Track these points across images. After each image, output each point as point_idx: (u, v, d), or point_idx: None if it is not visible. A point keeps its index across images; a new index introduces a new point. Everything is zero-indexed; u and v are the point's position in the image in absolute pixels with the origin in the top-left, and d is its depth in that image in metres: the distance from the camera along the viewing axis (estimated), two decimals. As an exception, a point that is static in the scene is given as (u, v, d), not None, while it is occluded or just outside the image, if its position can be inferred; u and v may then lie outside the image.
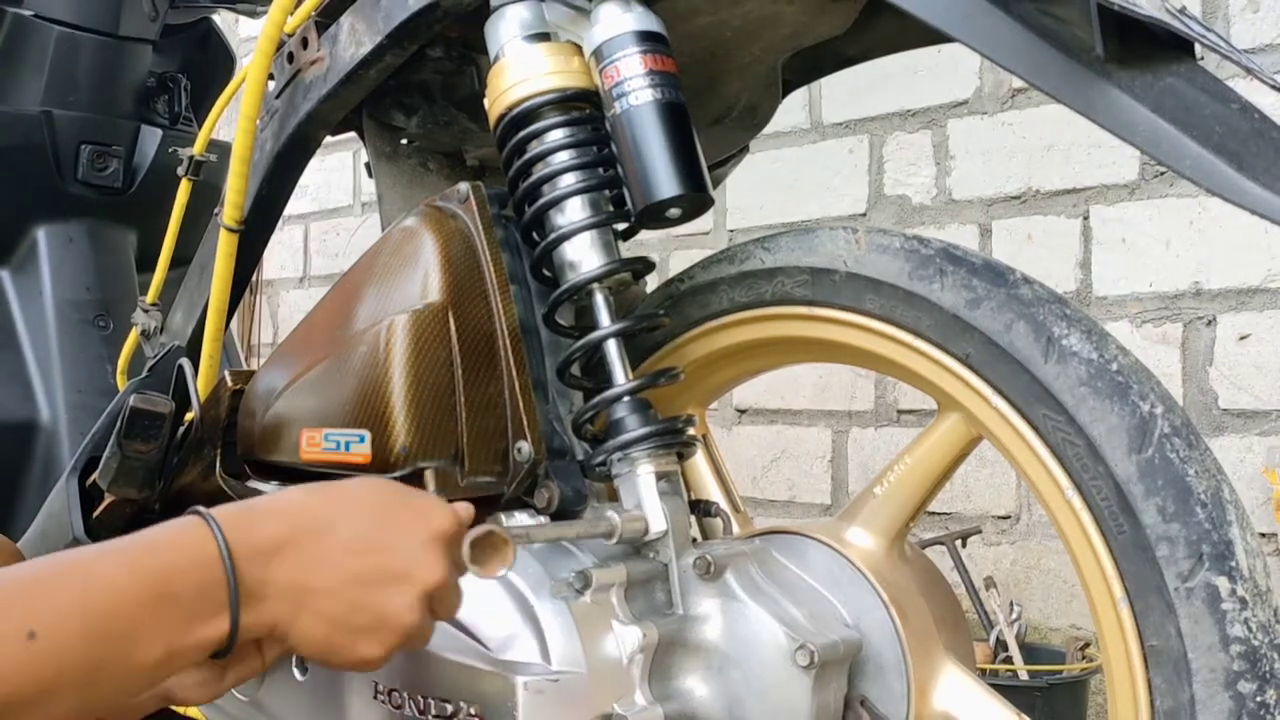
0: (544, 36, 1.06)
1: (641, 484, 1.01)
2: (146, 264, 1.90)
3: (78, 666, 0.73)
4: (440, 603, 0.87)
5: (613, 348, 1.04)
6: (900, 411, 2.82)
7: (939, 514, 2.72)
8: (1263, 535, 2.28)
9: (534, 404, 1.05)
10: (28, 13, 1.96)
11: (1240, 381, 2.36)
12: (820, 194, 2.96)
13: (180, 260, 1.57)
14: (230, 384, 1.28)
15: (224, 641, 0.79)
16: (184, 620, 0.77)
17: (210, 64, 2.22)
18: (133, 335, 1.64)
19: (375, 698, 1.03)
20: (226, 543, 0.79)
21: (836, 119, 2.94)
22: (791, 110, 2.95)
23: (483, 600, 0.98)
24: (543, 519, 1.03)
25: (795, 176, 3.00)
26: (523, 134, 1.05)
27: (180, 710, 1.35)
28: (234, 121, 1.34)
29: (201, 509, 0.81)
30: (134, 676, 0.76)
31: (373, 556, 0.83)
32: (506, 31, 1.06)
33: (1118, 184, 2.52)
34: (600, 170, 1.04)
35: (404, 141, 1.31)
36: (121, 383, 1.68)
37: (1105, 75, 0.81)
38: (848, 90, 2.86)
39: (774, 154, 3.00)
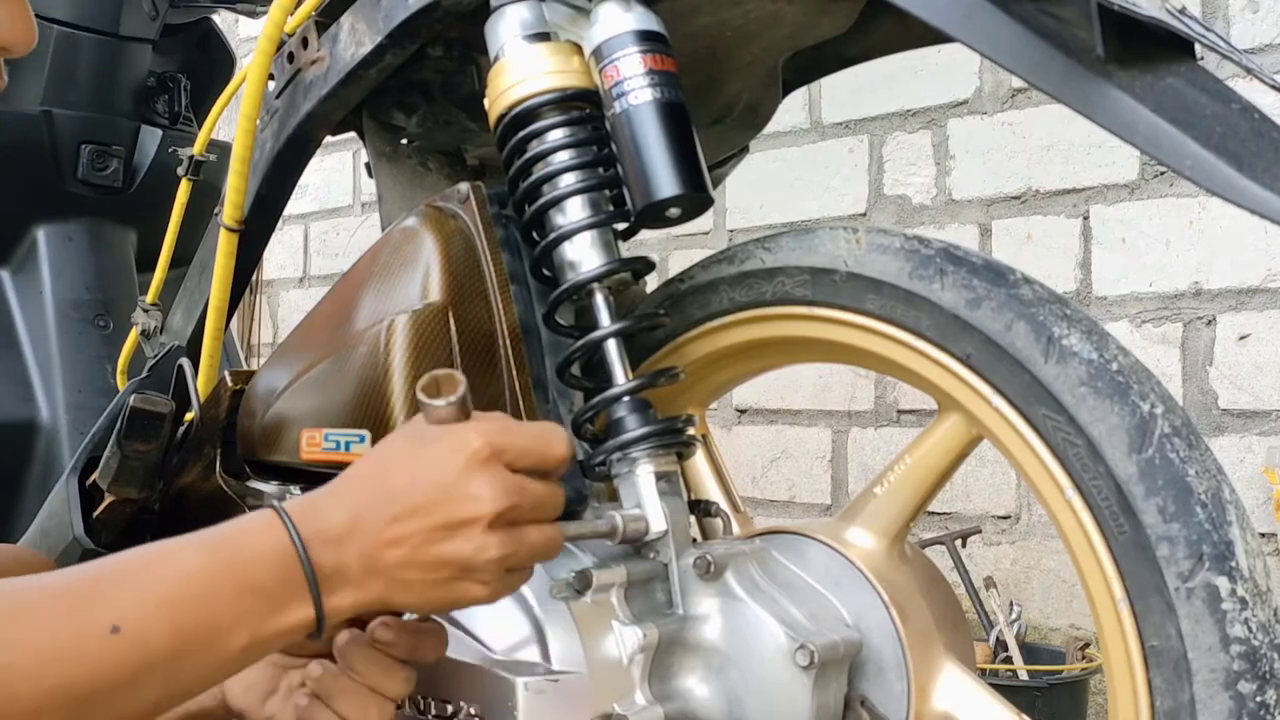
0: (544, 36, 1.06)
1: (641, 484, 1.01)
2: (146, 264, 1.90)
3: (163, 657, 0.75)
4: (517, 515, 0.84)
5: (613, 348, 1.04)
6: (900, 411, 2.82)
7: (939, 514, 2.72)
8: (1263, 535, 2.28)
9: (534, 404, 1.05)
10: (28, 12, 1.96)
11: (1240, 381, 2.36)
12: (820, 194, 2.96)
13: (180, 260, 1.57)
14: (230, 384, 1.28)
15: (312, 625, 0.80)
16: (267, 609, 0.78)
17: (210, 64, 2.22)
18: (133, 335, 1.64)
19: (375, 698, 1.03)
20: (298, 531, 0.80)
21: (836, 119, 2.95)
22: (791, 110, 2.95)
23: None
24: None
25: (795, 176, 3.00)
26: (523, 134, 1.05)
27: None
28: (234, 121, 1.34)
29: (275, 503, 0.82)
30: (220, 664, 0.78)
31: (423, 518, 0.82)
32: (506, 31, 1.06)
33: (1118, 184, 2.52)
34: (600, 170, 1.04)
35: (404, 141, 1.31)
36: (121, 383, 1.68)
37: (1105, 75, 0.81)
38: (848, 90, 2.86)
39: (774, 154, 3.01)
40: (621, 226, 1.06)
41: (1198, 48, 0.83)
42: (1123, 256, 2.51)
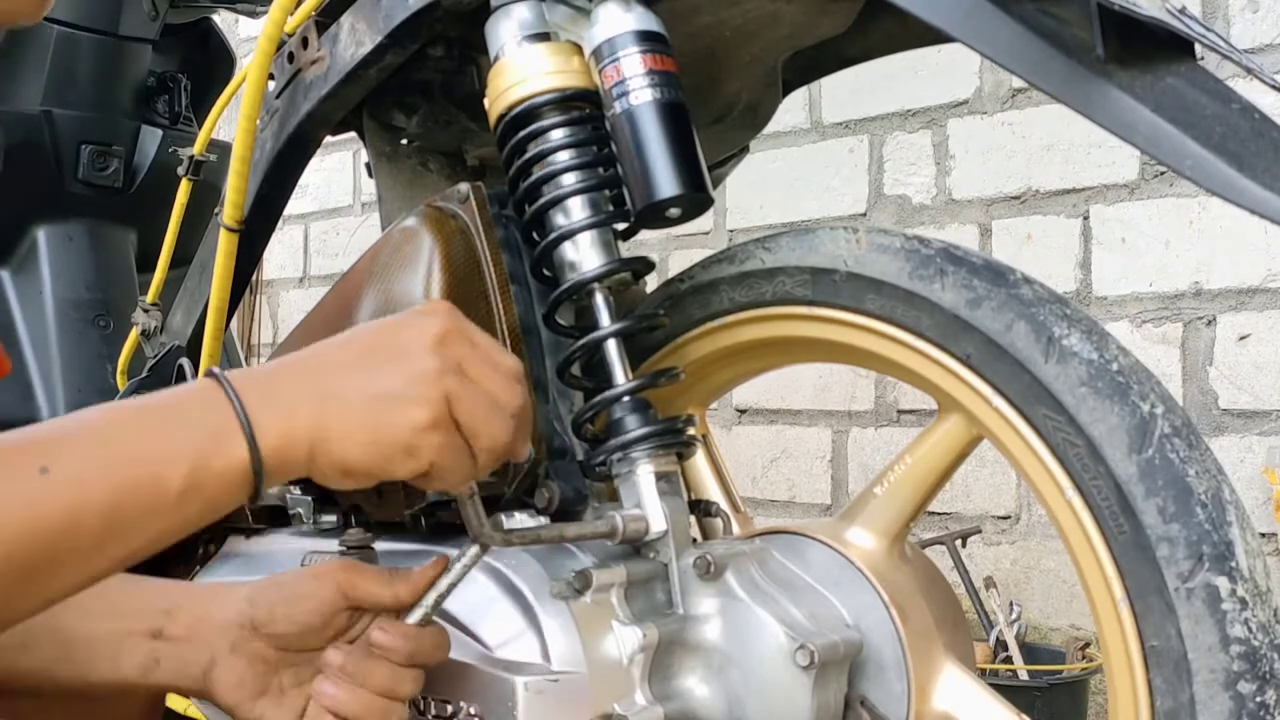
0: (544, 36, 1.06)
1: (641, 484, 1.01)
2: (147, 264, 1.90)
3: (97, 496, 0.74)
4: (464, 354, 0.83)
5: (613, 348, 1.04)
6: (900, 411, 2.82)
7: (939, 514, 2.72)
8: (1263, 535, 2.28)
9: (534, 404, 1.05)
10: (28, 12, 1.96)
11: (1240, 381, 2.36)
12: (820, 194, 2.96)
13: (180, 260, 1.57)
14: (230, 384, 1.28)
15: (248, 469, 0.78)
16: (201, 444, 0.77)
17: (210, 64, 2.22)
18: (133, 335, 1.64)
19: (375, 697, 1.03)
20: (226, 377, 0.79)
21: (836, 119, 2.94)
22: (791, 110, 2.95)
23: (483, 600, 0.98)
24: (543, 519, 1.03)
25: (795, 176, 3.00)
26: (523, 134, 1.05)
27: (180, 710, 1.35)
28: (234, 121, 1.34)
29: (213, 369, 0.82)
30: (161, 507, 0.76)
31: (366, 339, 0.83)
32: (507, 31, 1.06)
33: (1118, 184, 2.52)
34: (600, 170, 1.04)
35: (404, 141, 1.31)
36: (121, 383, 1.68)
37: (1105, 75, 0.81)
38: (848, 90, 2.86)
39: (774, 154, 3.00)
40: (621, 226, 1.06)
41: (1198, 48, 0.83)
42: (1123, 256, 2.51)
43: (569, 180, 1.04)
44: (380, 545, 1.06)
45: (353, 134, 1.34)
